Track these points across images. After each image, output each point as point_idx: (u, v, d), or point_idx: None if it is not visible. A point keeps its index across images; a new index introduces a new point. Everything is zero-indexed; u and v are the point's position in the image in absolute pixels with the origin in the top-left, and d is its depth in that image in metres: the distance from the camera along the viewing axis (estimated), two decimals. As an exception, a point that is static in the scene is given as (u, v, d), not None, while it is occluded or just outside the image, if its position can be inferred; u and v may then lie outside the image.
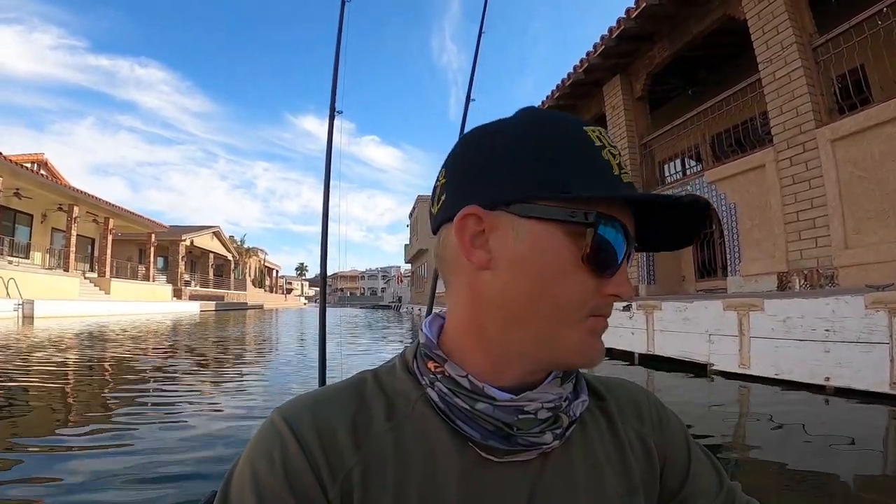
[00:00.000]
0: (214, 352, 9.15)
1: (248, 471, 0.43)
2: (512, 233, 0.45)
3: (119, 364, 7.10)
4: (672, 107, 11.13)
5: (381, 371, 0.52)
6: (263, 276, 63.99)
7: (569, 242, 0.44)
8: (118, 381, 5.94)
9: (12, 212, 21.10)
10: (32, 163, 22.16)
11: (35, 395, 4.85)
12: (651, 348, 6.21)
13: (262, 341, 11.90)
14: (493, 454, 0.46)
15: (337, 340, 3.80)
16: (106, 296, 22.69)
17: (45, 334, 10.97)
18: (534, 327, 0.45)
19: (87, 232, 26.14)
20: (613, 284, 0.46)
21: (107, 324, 14.87)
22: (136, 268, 29.91)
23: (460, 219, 0.46)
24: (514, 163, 0.45)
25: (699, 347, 5.35)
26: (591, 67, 9.60)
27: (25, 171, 17.91)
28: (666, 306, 5.96)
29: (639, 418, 0.57)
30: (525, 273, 0.44)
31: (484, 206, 0.45)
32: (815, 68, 6.16)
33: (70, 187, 21.75)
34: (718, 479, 0.57)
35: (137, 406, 4.41)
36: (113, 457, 2.92)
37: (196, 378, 6.21)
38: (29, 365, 6.53)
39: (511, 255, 0.45)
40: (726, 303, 5.05)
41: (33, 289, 17.00)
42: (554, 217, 0.43)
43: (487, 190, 0.46)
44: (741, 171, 7.08)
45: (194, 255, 41.24)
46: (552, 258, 0.44)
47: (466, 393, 0.46)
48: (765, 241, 6.67)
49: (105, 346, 9.20)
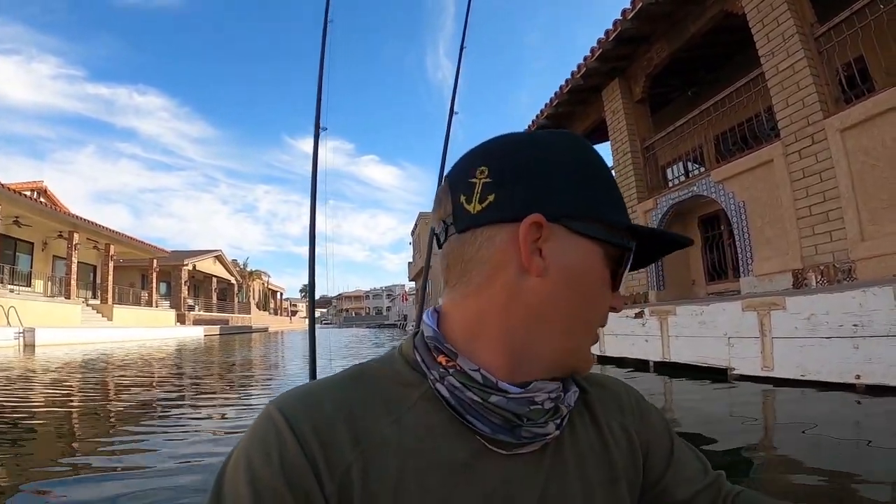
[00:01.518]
0: (217, 381, 8.94)
1: (242, 464, 0.42)
2: (566, 245, 0.48)
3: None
4: (672, 108, 11.05)
5: (378, 363, 0.52)
6: (268, 299, 63.85)
7: (606, 262, 0.49)
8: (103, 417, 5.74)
9: (13, 240, 20.99)
10: (32, 190, 22.17)
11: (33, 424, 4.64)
12: (666, 355, 5.99)
13: (268, 366, 11.68)
14: (501, 448, 0.47)
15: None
16: (108, 322, 22.53)
17: (34, 364, 10.76)
18: (565, 335, 0.48)
19: (89, 259, 26.04)
20: (615, 300, 0.52)
21: (107, 350, 14.68)
22: (138, 294, 29.78)
23: (528, 225, 0.46)
24: (575, 181, 0.49)
25: (718, 351, 5.13)
26: (589, 72, 9.48)
27: (24, 199, 17.84)
28: (681, 311, 5.75)
29: (620, 409, 0.59)
30: (572, 285, 0.48)
31: (546, 216, 0.47)
32: (818, 58, 6.04)
33: (69, 214, 21.69)
34: (702, 467, 0.60)
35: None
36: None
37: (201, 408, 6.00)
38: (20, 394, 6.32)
39: (562, 266, 0.47)
40: (745, 303, 4.84)
41: (34, 317, 16.82)
42: (607, 239, 0.49)
43: (551, 201, 0.48)
44: (748, 167, 6.93)
45: (197, 280, 41.09)
46: (597, 274, 0.49)
47: (479, 387, 0.47)
48: (777, 239, 6.50)
49: (90, 376, 8.99)
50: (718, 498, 0.58)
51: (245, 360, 12.42)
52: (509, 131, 0.54)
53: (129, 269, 31.32)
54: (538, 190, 0.48)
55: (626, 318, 7.01)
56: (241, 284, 50.50)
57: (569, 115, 11.46)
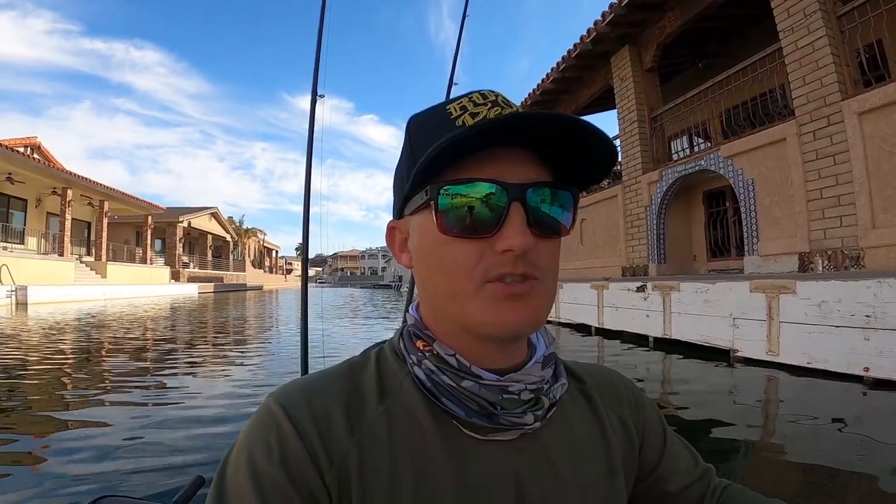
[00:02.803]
0: (206, 338, 8.92)
1: (244, 457, 0.43)
2: (411, 231, 0.51)
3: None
4: (681, 81, 10.82)
5: (372, 354, 0.54)
6: (263, 257, 63.61)
7: (433, 218, 0.46)
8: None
9: (6, 197, 20.64)
10: (26, 146, 21.67)
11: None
12: (668, 332, 5.98)
13: (261, 327, 11.68)
14: (476, 432, 0.47)
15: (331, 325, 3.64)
16: (102, 280, 22.37)
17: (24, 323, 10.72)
18: (447, 310, 0.48)
19: (84, 216, 25.77)
20: (502, 240, 0.44)
21: (94, 309, 14.66)
22: (133, 251, 29.59)
23: (387, 233, 0.55)
24: (400, 170, 0.53)
25: (722, 332, 5.12)
26: (599, 37, 9.21)
27: (16, 155, 17.41)
28: (685, 287, 5.71)
29: (617, 400, 0.59)
30: (421, 261, 0.49)
31: (396, 218, 0.54)
32: (839, 37, 5.85)
33: (63, 170, 21.28)
34: (693, 460, 0.61)
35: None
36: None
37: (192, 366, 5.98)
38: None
39: (414, 247, 0.51)
40: (754, 284, 4.80)
41: (27, 275, 16.69)
42: (417, 206, 0.48)
43: (395, 202, 0.54)
44: (760, 145, 6.80)
45: (192, 237, 40.83)
46: (428, 240, 0.47)
47: (453, 371, 0.47)
48: (785, 220, 6.43)
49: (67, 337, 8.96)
50: (707, 491, 0.59)
51: (236, 319, 12.45)
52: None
53: (124, 225, 31.09)
54: (394, 196, 0.54)
55: (627, 291, 6.99)
56: (236, 242, 50.21)
57: (576, 81, 11.22)
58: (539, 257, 0.45)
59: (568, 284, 8.95)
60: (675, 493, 0.58)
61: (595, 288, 7.98)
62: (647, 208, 9.09)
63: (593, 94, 11.22)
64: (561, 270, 0.51)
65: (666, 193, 8.68)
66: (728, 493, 0.59)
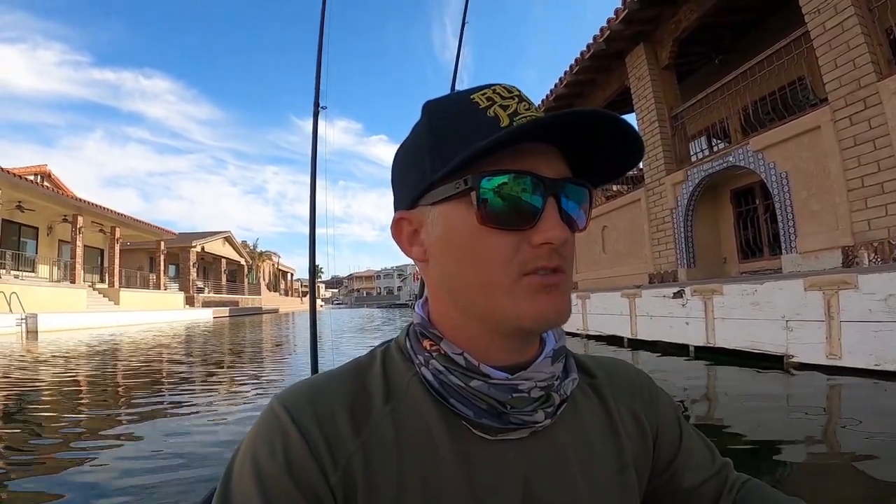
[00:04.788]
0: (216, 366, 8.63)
1: (249, 460, 0.42)
2: (431, 222, 0.47)
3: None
4: (697, 78, 10.53)
5: (378, 354, 0.52)
6: (278, 280, 63.59)
7: (470, 212, 0.43)
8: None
9: (17, 225, 20.63)
10: (36, 174, 21.81)
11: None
12: (711, 339, 5.56)
13: (275, 348, 11.39)
14: (486, 432, 0.46)
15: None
16: (115, 306, 22.24)
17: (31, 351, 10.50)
18: (475, 303, 0.45)
19: (96, 243, 25.73)
20: (539, 233, 0.43)
21: (102, 335, 14.45)
22: (146, 277, 29.56)
23: (392, 225, 0.50)
24: (416, 158, 0.48)
25: (773, 336, 4.71)
26: (612, 35, 8.96)
27: (24, 182, 17.36)
28: (729, 289, 5.30)
29: (631, 395, 0.56)
30: (448, 254, 0.46)
31: (407, 208, 0.49)
32: (868, 16, 5.56)
33: (73, 197, 21.29)
34: (710, 455, 0.58)
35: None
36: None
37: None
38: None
39: (434, 242, 0.47)
40: (808, 281, 4.39)
41: (38, 303, 16.50)
42: (446, 195, 0.44)
43: (406, 192, 0.49)
44: (792, 135, 6.47)
45: (206, 262, 40.90)
46: (461, 231, 0.44)
47: (461, 370, 0.45)
48: (824, 213, 6.07)
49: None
50: (724, 486, 0.56)
51: (263, 340, 12.14)
52: None
53: (138, 252, 31.15)
54: (400, 187, 0.51)
55: (662, 297, 6.58)
56: (250, 266, 50.34)
57: (589, 84, 10.95)
58: (567, 251, 0.45)
59: (596, 294, 8.53)
60: (690, 489, 0.55)
61: (626, 296, 7.54)
62: (673, 211, 8.71)
63: (608, 96, 10.93)
64: (584, 280, 0.41)
65: (693, 194, 8.31)
66: (746, 488, 0.56)
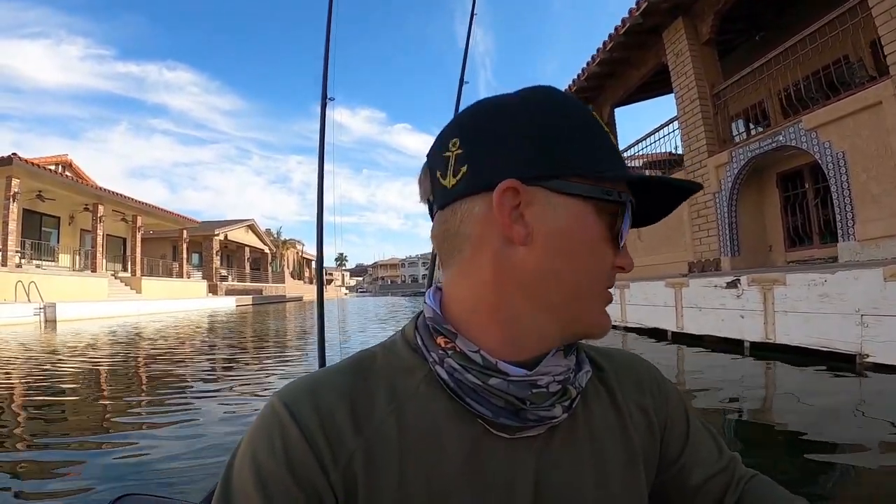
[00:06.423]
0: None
1: (248, 457, 0.42)
2: (549, 208, 0.43)
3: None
4: (736, 56, 9.85)
5: (382, 349, 0.50)
6: (302, 268, 63.55)
7: (598, 219, 0.43)
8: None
9: (38, 215, 20.66)
10: (57, 164, 21.81)
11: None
12: (770, 335, 5.00)
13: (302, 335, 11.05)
14: (504, 431, 0.44)
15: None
16: (136, 295, 22.21)
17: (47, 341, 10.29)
18: (564, 304, 0.44)
19: (118, 232, 25.78)
20: (622, 258, 0.45)
21: (113, 325, 14.30)
22: (169, 265, 29.58)
23: (501, 192, 0.42)
24: (548, 139, 0.43)
25: (844, 333, 4.17)
26: (649, 8, 8.36)
27: (44, 172, 17.27)
28: (793, 279, 4.73)
29: (638, 388, 0.55)
30: (561, 247, 0.43)
31: (522, 180, 0.43)
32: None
33: (93, 186, 21.26)
34: (718, 449, 0.57)
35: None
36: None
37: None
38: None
39: (548, 230, 0.43)
40: (889, 270, 3.83)
41: (59, 292, 16.43)
42: (592, 195, 0.43)
43: (523, 164, 0.43)
44: (850, 112, 5.91)
45: (230, 250, 40.93)
46: (589, 233, 0.43)
47: (479, 369, 0.44)
48: (886, 196, 5.53)
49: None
50: (732, 481, 0.55)
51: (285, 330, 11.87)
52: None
53: (161, 240, 31.19)
54: (510, 154, 0.44)
55: (714, 288, 5.99)
56: (274, 254, 50.44)
57: (623, 62, 10.33)
58: None
59: (635, 283, 7.92)
60: (698, 485, 0.54)
61: (671, 286, 6.85)
62: (716, 195, 8.12)
63: (643, 75, 10.31)
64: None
65: (738, 176, 7.72)
66: (752, 483, 0.55)
